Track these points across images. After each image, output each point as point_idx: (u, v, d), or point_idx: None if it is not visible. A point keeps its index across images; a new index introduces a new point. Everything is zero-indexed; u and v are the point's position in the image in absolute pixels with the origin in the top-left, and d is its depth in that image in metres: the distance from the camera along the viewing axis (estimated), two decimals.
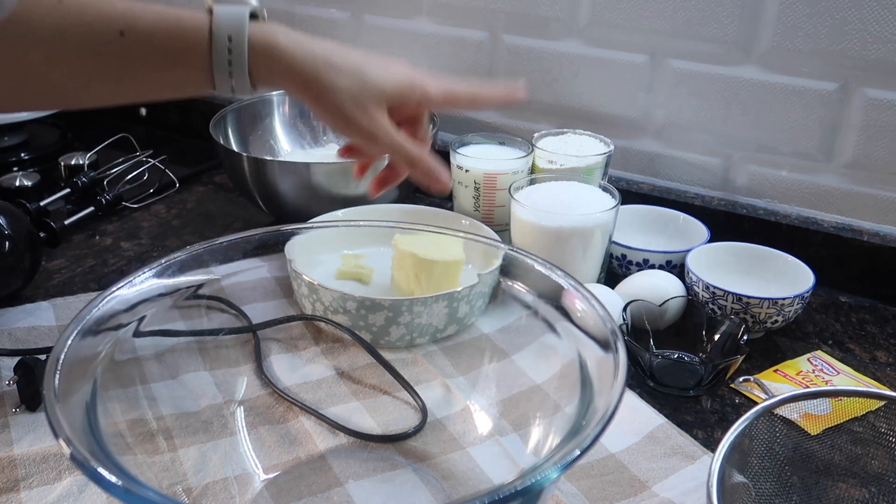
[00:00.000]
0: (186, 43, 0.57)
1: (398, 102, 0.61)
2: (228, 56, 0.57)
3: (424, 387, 0.61)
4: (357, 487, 0.54)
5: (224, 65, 0.57)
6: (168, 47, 0.56)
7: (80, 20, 0.54)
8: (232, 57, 0.57)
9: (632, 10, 0.91)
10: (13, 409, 0.62)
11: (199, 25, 0.57)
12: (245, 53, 0.57)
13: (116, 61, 0.56)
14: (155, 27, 0.56)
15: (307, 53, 0.58)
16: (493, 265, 0.58)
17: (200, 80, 0.58)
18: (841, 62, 0.83)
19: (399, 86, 0.61)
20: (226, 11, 0.57)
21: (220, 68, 0.57)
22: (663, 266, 0.81)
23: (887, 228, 0.86)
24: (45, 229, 0.88)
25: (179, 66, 0.57)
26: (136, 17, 0.55)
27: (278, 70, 0.58)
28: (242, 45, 0.57)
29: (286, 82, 0.59)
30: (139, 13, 0.56)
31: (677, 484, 0.57)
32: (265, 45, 0.58)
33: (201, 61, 0.57)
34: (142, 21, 0.55)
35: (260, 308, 0.60)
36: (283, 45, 0.58)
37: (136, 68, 0.56)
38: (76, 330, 0.44)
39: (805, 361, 0.73)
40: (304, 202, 0.87)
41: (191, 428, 0.53)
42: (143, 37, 0.55)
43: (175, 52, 0.56)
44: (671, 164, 0.96)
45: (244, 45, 0.57)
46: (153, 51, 0.56)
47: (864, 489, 0.54)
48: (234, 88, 0.58)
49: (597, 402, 0.42)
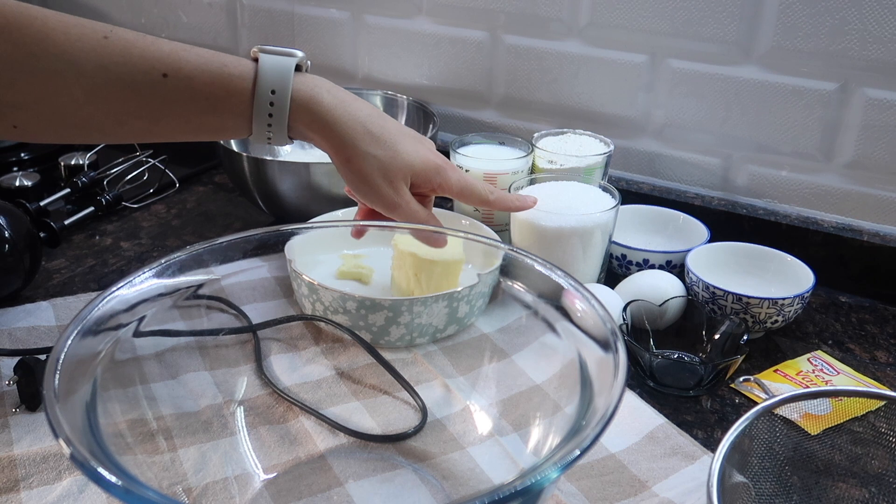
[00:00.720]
0: (229, 90, 0.57)
1: (421, 181, 0.63)
2: (270, 108, 0.57)
3: (424, 387, 0.61)
4: (357, 487, 0.54)
5: (264, 115, 0.57)
6: (210, 93, 0.56)
7: (125, 59, 0.54)
8: (274, 109, 0.57)
9: (632, 10, 0.91)
10: (13, 409, 0.62)
11: (244, 73, 0.57)
12: (287, 105, 0.58)
13: (156, 102, 0.56)
14: (199, 71, 0.56)
15: (350, 116, 0.60)
16: (493, 265, 0.58)
17: (238, 127, 0.59)
18: (841, 62, 0.83)
19: (426, 167, 0.63)
20: (272, 62, 0.58)
21: (260, 118, 0.58)
22: (663, 266, 0.81)
23: (887, 228, 0.86)
24: (45, 229, 0.88)
25: (219, 112, 0.57)
26: (180, 59, 0.55)
27: (317, 127, 0.59)
28: (285, 98, 0.57)
29: (322, 139, 0.60)
30: (184, 55, 0.56)
31: (677, 484, 0.57)
32: (308, 100, 0.58)
33: (242, 109, 0.57)
34: (186, 64, 0.55)
35: (260, 308, 0.60)
36: (326, 103, 0.59)
37: (175, 111, 0.56)
38: (76, 330, 0.44)
39: (805, 361, 0.73)
40: (304, 202, 0.87)
41: (191, 428, 0.53)
42: (185, 80, 0.55)
43: (216, 98, 0.57)
44: (671, 164, 0.96)
45: (287, 98, 0.57)
46: (194, 95, 0.56)
47: (864, 489, 0.54)
48: (270, 138, 0.59)
49: (597, 402, 0.42)
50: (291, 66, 0.58)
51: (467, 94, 1.05)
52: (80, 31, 0.53)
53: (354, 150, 0.60)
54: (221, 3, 1.19)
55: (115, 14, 1.29)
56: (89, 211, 0.95)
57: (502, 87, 1.02)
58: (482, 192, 0.68)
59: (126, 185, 1.03)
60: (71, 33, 0.53)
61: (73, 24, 0.53)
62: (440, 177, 0.65)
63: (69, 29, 0.53)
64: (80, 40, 0.53)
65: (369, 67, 1.11)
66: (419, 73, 1.08)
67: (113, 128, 0.57)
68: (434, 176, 0.64)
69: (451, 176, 0.65)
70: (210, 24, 1.22)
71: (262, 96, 0.57)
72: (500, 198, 0.70)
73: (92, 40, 0.53)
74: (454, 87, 1.06)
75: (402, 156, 0.62)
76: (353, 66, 1.13)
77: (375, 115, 0.62)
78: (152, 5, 1.25)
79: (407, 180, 0.63)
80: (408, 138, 0.63)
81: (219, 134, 0.61)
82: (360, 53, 1.11)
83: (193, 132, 0.59)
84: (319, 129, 0.59)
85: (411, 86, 1.09)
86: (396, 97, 1.06)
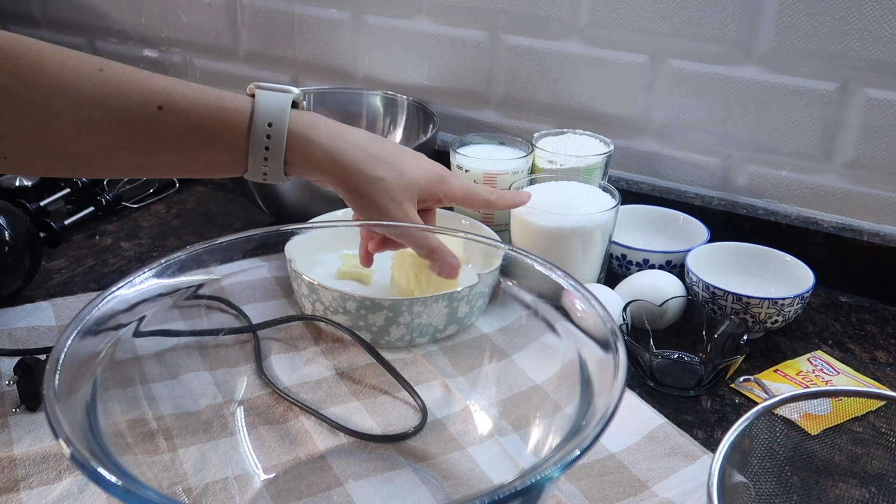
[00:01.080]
0: (225, 124, 0.56)
1: (428, 195, 0.63)
2: (266, 141, 0.57)
3: (424, 387, 0.61)
4: (357, 487, 0.54)
5: (260, 150, 0.57)
6: (205, 126, 0.56)
7: (120, 91, 0.54)
8: (270, 142, 0.57)
9: (632, 10, 0.91)
10: (13, 409, 0.62)
11: (241, 107, 0.57)
12: (284, 141, 0.57)
13: (150, 135, 0.55)
14: (195, 104, 0.55)
15: (349, 144, 0.59)
16: (493, 265, 0.58)
17: (232, 164, 0.58)
18: (841, 62, 0.83)
19: (430, 179, 0.63)
20: (268, 97, 0.57)
21: (255, 153, 0.57)
22: (663, 266, 0.81)
23: (887, 228, 0.86)
24: (45, 229, 0.88)
25: (214, 147, 0.57)
26: (176, 92, 0.55)
27: (317, 161, 0.59)
28: (282, 133, 0.57)
29: (323, 173, 0.60)
30: (179, 89, 0.55)
31: (677, 484, 0.57)
32: (304, 136, 0.58)
33: (237, 144, 0.57)
34: (181, 98, 0.55)
35: (260, 308, 0.60)
36: (323, 135, 0.59)
37: (168, 144, 0.56)
38: (76, 330, 0.44)
39: (805, 361, 0.73)
40: (304, 202, 0.87)
41: (191, 428, 0.53)
42: (181, 113, 0.55)
43: (211, 132, 0.56)
44: (671, 164, 0.96)
45: (284, 131, 0.57)
46: (189, 128, 0.55)
47: (864, 489, 0.54)
48: (265, 175, 0.59)
49: (597, 402, 0.42)
50: (288, 101, 0.58)
51: (467, 94, 1.05)
52: (75, 63, 0.53)
53: (360, 175, 0.59)
54: (221, 3, 1.19)
55: (116, 14, 1.29)
56: (89, 211, 0.95)
57: (502, 87, 1.02)
58: (485, 195, 0.69)
59: (126, 185, 1.03)
60: (66, 65, 0.52)
61: (68, 57, 0.53)
62: (444, 186, 0.65)
63: (65, 61, 0.52)
64: (76, 72, 0.53)
65: (369, 67, 1.11)
66: (419, 73, 1.08)
67: (104, 161, 0.56)
68: (438, 187, 0.64)
69: (454, 183, 0.66)
70: (210, 24, 1.22)
71: (259, 130, 0.56)
72: (500, 197, 0.70)
73: (87, 72, 0.53)
74: (454, 87, 1.06)
75: (407, 175, 0.61)
76: (353, 66, 1.13)
77: (373, 139, 0.62)
78: (152, 5, 1.25)
79: (414, 200, 0.62)
80: (408, 155, 0.63)
81: (211, 170, 0.60)
82: (360, 53, 1.11)
83: (186, 168, 0.58)
84: (320, 161, 0.59)
85: (411, 86, 1.09)
86: (396, 97, 1.06)
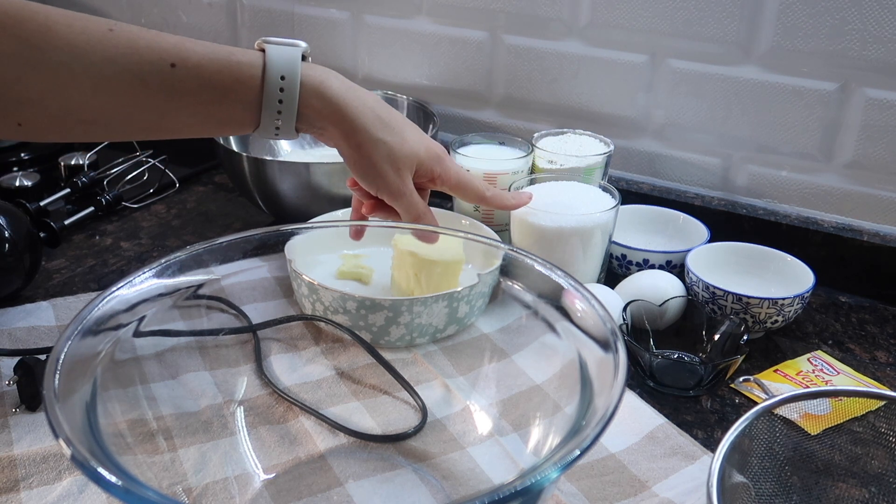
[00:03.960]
0: (238, 78, 0.57)
1: (424, 170, 0.65)
2: (280, 94, 0.57)
3: (424, 387, 0.61)
4: (357, 487, 0.54)
5: (274, 102, 0.58)
6: (219, 81, 0.56)
7: (131, 50, 0.54)
8: (284, 95, 0.58)
9: (632, 10, 0.91)
10: (13, 409, 0.62)
11: (253, 62, 0.57)
12: (297, 91, 0.58)
13: (164, 93, 0.55)
14: (207, 60, 0.56)
15: (360, 101, 0.60)
16: (493, 265, 0.58)
17: (244, 120, 0.59)
18: (841, 62, 0.83)
19: (429, 155, 0.65)
20: (279, 51, 0.58)
21: (269, 106, 0.58)
22: (663, 266, 0.81)
23: (887, 228, 0.86)
24: (45, 229, 0.88)
25: (227, 102, 0.57)
26: (187, 49, 0.55)
27: (329, 112, 0.59)
28: (295, 83, 0.58)
29: (333, 125, 0.60)
30: (190, 46, 0.56)
31: (677, 484, 0.57)
32: (318, 85, 0.59)
33: (251, 97, 0.57)
34: (193, 54, 0.55)
35: (260, 308, 0.60)
36: (335, 89, 0.60)
37: (182, 102, 0.56)
38: (76, 330, 0.44)
39: (805, 361, 0.73)
40: (304, 202, 0.87)
41: (191, 428, 0.53)
42: (194, 69, 0.55)
43: (225, 87, 0.56)
44: (671, 164, 0.96)
45: (297, 83, 0.58)
46: (202, 84, 0.56)
47: (864, 489, 0.54)
48: (278, 128, 0.59)
49: (597, 402, 0.42)
50: (298, 54, 0.58)
51: (467, 94, 1.05)
52: (83, 24, 0.53)
53: (366, 135, 0.60)
54: (221, 3, 1.19)
55: (115, 14, 1.29)
56: (89, 211, 0.95)
57: (502, 87, 1.02)
58: (479, 188, 0.69)
59: (126, 185, 1.03)
60: (74, 26, 0.53)
61: (76, 18, 0.53)
62: (441, 166, 0.66)
63: (72, 22, 0.53)
64: (85, 33, 0.53)
65: (369, 67, 1.11)
66: (419, 73, 1.08)
67: (119, 123, 0.57)
68: (436, 165, 0.65)
69: (450, 167, 0.67)
70: (210, 24, 1.22)
71: (272, 83, 0.57)
72: (496, 195, 0.71)
73: (97, 32, 0.53)
74: (454, 87, 1.06)
75: (409, 143, 0.63)
76: (353, 66, 1.12)
77: (381, 102, 0.63)
78: (152, 5, 1.25)
79: (412, 169, 0.64)
80: (412, 127, 0.65)
81: (225, 127, 0.60)
82: (360, 53, 1.11)
83: (199, 126, 0.59)
84: (330, 114, 0.60)
85: (411, 86, 1.09)
86: (396, 97, 1.06)
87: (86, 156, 1.08)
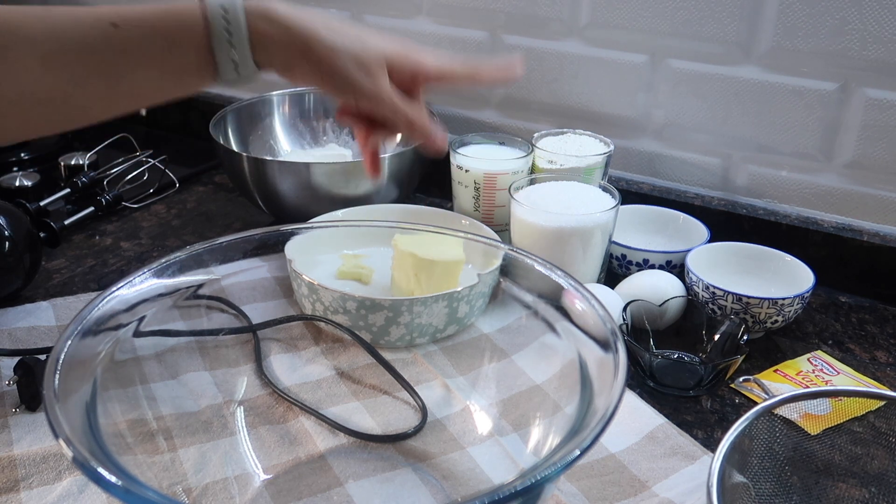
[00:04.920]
0: (181, 23, 0.56)
1: (397, 65, 0.62)
2: (226, 25, 0.56)
3: (424, 387, 0.61)
4: (357, 487, 0.54)
5: (223, 37, 0.57)
6: (162, 28, 0.56)
7: (70, 19, 0.54)
8: (230, 27, 0.56)
9: (632, 10, 0.91)
10: (13, 409, 0.62)
11: (191, 4, 0.57)
12: (242, 21, 0.57)
13: (112, 54, 0.55)
14: (148, 13, 0.56)
15: (308, 17, 0.59)
16: (493, 265, 0.58)
17: (201, 65, 0.58)
18: (841, 62, 0.83)
19: (397, 50, 0.62)
20: None
21: (219, 42, 0.57)
22: (663, 266, 0.81)
23: (887, 228, 0.86)
24: (45, 229, 0.88)
25: (177, 48, 0.57)
26: (126, 9, 0.56)
27: (279, 35, 0.58)
28: (238, 15, 0.57)
29: (286, 51, 0.59)
30: (127, 7, 0.56)
31: (677, 484, 0.57)
32: (262, 11, 0.58)
33: (199, 40, 0.57)
34: (131, 12, 0.56)
35: (260, 308, 0.60)
36: (281, 10, 0.58)
37: (133, 59, 0.56)
38: (76, 330, 0.44)
39: (805, 361, 0.73)
40: (304, 202, 0.87)
41: (191, 428, 0.53)
42: (136, 23, 0.55)
43: (170, 33, 0.56)
44: (671, 164, 0.96)
45: (240, 14, 0.57)
46: (147, 35, 0.56)
47: (864, 489, 0.54)
48: (237, 69, 0.58)
49: (597, 402, 0.42)
50: None
51: (467, 94, 1.05)
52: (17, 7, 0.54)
53: (323, 45, 0.59)
54: None
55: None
56: (89, 211, 0.95)
57: (502, 86, 1.02)
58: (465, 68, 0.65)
59: (126, 185, 1.03)
60: (10, 10, 0.53)
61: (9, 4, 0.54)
62: (413, 58, 0.63)
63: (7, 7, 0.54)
64: (24, 14, 0.54)
65: None
66: None
67: (76, 98, 0.56)
68: (407, 57, 0.62)
69: (424, 57, 0.63)
70: None
71: (216, 17, 0.56)
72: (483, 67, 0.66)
73: (35, 12, 0.54)
74: (454, 86, 1.06)
75: (369, 44, 0.60)
76: None
77: (332, 17, 0.61)
78: None
79: (383, 68, 0.61)
80: (369, 31, 0.62)
81: (184, 79, 0.59)
82: None
83: (159, 83, 0.58)
84: (282, 34, 0.58)
85: None
86: None
87: (86, 156, 1.08)
